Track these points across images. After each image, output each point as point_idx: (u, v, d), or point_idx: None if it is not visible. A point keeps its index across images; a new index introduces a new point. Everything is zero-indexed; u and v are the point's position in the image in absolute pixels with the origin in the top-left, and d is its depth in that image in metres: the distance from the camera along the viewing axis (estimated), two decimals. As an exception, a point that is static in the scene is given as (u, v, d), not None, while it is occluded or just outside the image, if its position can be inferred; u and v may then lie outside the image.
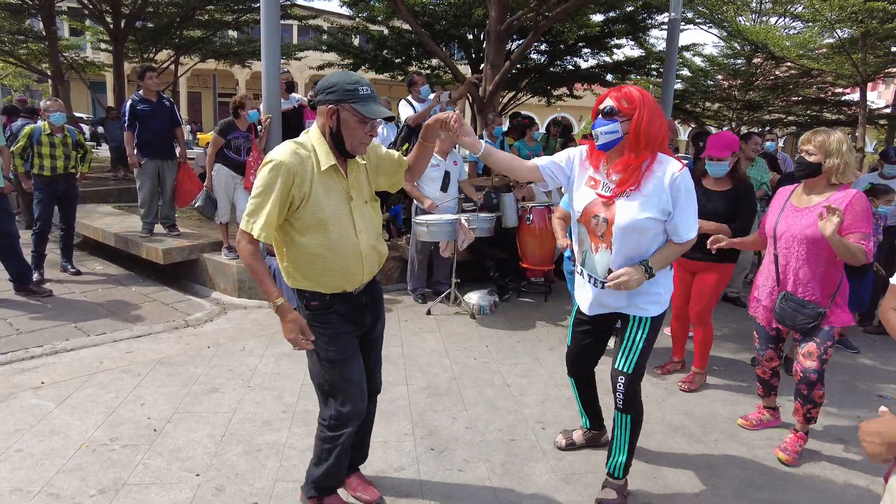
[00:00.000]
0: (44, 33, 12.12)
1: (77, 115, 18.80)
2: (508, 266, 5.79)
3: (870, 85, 12.89)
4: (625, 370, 2.49)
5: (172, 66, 14.32)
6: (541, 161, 2.49)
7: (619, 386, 2.51)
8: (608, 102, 2.24)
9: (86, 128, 19.09)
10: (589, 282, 2.49)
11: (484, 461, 2.84)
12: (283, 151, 2.01)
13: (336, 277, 2.13)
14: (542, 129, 13.79)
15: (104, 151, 11.71)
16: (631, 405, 2.51)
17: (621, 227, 2.26)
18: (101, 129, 11.91)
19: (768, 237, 3.03)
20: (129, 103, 5.68)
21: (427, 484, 2.64)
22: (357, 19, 11.97)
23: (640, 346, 2.48)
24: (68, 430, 2.95)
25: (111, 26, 11.91)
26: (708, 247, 3.34)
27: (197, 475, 2.63)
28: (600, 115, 2.26)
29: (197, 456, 2.79)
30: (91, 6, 11.65)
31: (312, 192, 2.01)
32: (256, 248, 2.06)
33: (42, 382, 3.47)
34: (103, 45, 14.80)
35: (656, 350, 4.38)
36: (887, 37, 11.37)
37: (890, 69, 13.18)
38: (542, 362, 4.12)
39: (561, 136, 9.74)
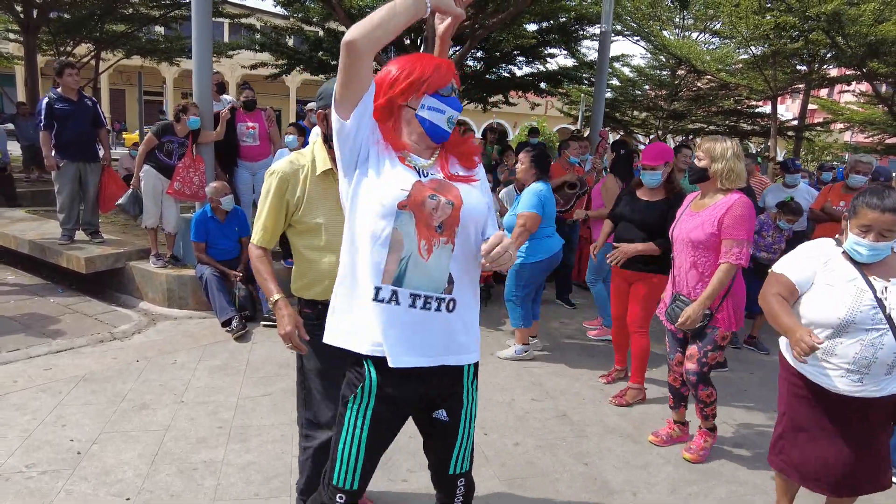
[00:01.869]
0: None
1: (-17, 110, 17.39)
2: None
3: (779, 98, 13.90)
4: (466, 469, 1.84)
5: (93, 62, 13.50)
6: None
7: (460, 490, 1.84)
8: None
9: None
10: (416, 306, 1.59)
11: (426, 470, 2.84)
12: (280, 161, 2.11)
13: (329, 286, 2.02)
14: (479, 135, 13.99)
15: (15, 150, 10.82)
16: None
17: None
18: (10, 126, 10.99)
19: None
20: (45, 101, 5.30)
21: (372, 495, 2.61)
22: (291, 20, 11.71)
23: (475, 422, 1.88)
24: (-21, 457, 2.72)
25: (22, 16, 11.08)
26: (608, 261, 3.55)
27: (127, 499, 2.49)
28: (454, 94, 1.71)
29: (127, 478, 2.64)
30: (-2, -7, 10.81)
31: (306, 196, 2.04)
32: (263, 251, 2.10)
33: (-53, 405, 3.18)
34: (12, 36, 13.76)
35: (602, 356, 4.56)
36: (794, 55, 12.29)
37: (797, 85, 14.26)
38: (482, 367, 4.16)
39: (497, 142, 9.91)
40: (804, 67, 13.71)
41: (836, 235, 2.19)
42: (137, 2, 12.20)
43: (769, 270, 2.29)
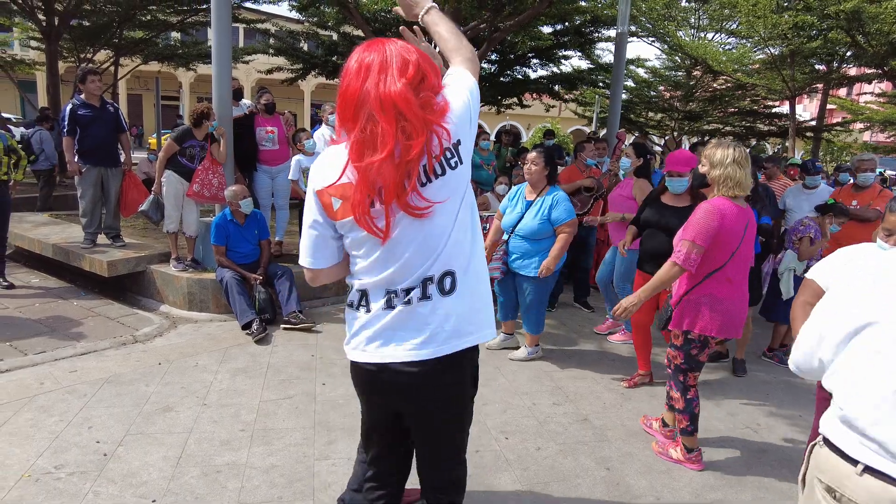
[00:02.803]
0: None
1: (5, 115, 17.69)
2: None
3: (797, 98, 13.74)
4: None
5: (112, 68, 13.70)
6: None
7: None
8: None
9: (17, 131, 17.98)
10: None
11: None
12: None
13: None
14: (493, 138, 13.98)
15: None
16: None
17: None
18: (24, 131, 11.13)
19: None
20: (69, 108, 5.38)
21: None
22: (306, 24, 11.81)
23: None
24: (7, 460, 2.76)
25: (44, 23, 11.28)
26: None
27: (153, 501, 2.52)
28: None
29: (152, 480, 2.67)
30: (21, 1, 11.00)
31: None
32: None
33: (-24, 407, 3.24)
34: (34, 43, 14.00)
35: (621, 360, 4.54)
36: (812, 55, 12.15)
37: (815, 85, 14.10)
38: (502, 370, 4.17)
39: (512, 144, 9.90)
40: (823, 67, 13.55)
41: (875, 237, 2.13)
42: (155, 8, 12.36)
43: (804, 276, 2.23)
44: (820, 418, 2.22)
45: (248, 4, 12.86)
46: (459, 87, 1.58)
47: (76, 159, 5.41)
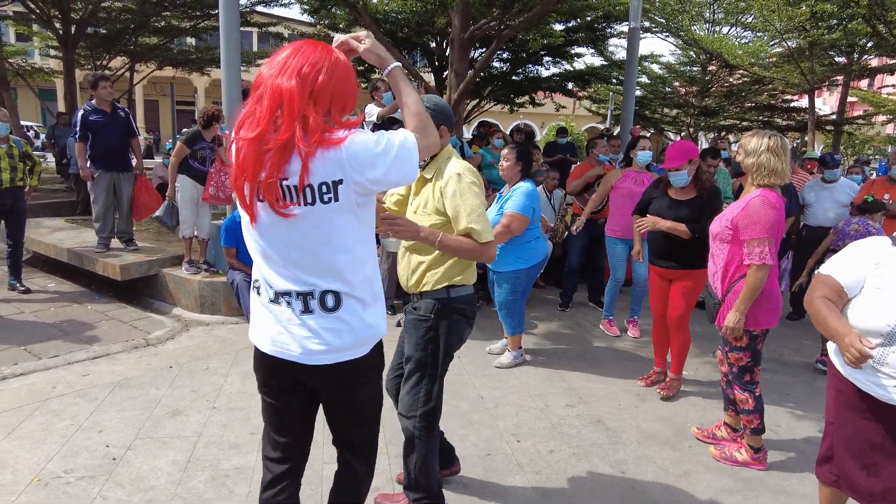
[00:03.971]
0: (-13, 39, 11.57)
1: (25, 123, 18.02)
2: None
3: (817, 92, 13.45)
4: None
5: (128, 74, 13.87)
6: None
7: None
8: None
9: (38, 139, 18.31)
10: None
11: (461, 477, 2.79)
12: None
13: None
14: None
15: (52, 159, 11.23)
16: None
17: None
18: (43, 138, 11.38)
19: None
20: (80, 113, 5.43)
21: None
22: (318, 27, 11.84)
23: None
24: (17, 464, 2.77)
25: (60, 32, 11.45)
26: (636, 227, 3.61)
27: (160, 506, 2.50)
28: None
29: (160, 485, 2.65)
30: (38, 11, 11.18)
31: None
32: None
33: (-11, 411, 3.26)
34: (52, 52, 14.24)
35: (637, 361, 4.44)
36: (832, 46, 11.88)
37: (835, 77, 13.79)
38: (514, 372, 4.10)
39: (525, 143, 9.82)
40: (843, 59, 13.26)
41: (894, 234, 2.04)
42: (169, 14, 12.49)
43: (815, 272, 2.15)
44: (836, 412, 2.14)
45: (259, 8, 12.93)
46: (381, 134, 1.56)
47: (88, 164, 5.45)
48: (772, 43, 13.71)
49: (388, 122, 2.31)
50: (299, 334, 1.62)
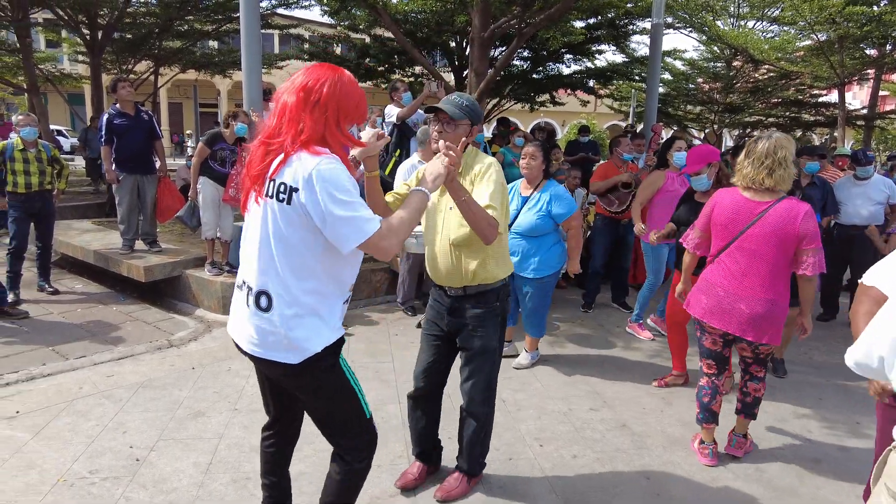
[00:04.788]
0: (18, 46, 11.85)
1: (55, 128, 18.45)
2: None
3: (846, 86, 13.08)
4: None
5: (152, 77, 14.11)
6: None
7: None
8: None
9: (66, 142, 18.72)
10: None
11: (482, 483, 2.75)
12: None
13: (428, 263, 2.52)
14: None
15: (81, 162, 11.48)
16: None
17: None
18: (75, 142, 11.64)
19: None
20: (105, 117, 5.52)
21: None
22: (339, 28, 11.89)
23: None
24: (45, 464, 2.80)
25: (88, 37, 11.69)
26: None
27: (182, 508, 2.51)
28: None
29: (182, 487, 2.66)
30: (67, 17, 11.42)
31: None
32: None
33: (17, 412, 3.31)
34: (80, 57, 14.54)
35: (663, 363, 4.35)
36: (863, 39, 11.54)
37: (866, 71, 13.40)
38: (537, 375, 4.05)
39: (545, 141, 9.72)
40: (874, 51, 12.88)
41: None
42: (192, 18, 12.66)
43: (859, 281, 2.02)
44: (884, 426, 2.04)
45: (280, 10, 13.04)
46: (358, 196, 1.67)
47: (113, 167, 5.53)
48: (800, 36, 13.39)
49: (427, 111, 2.34)
50: (243, 323, 1.81)
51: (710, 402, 3.00)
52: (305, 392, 1.89)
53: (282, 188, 1.67)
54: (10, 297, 5.09)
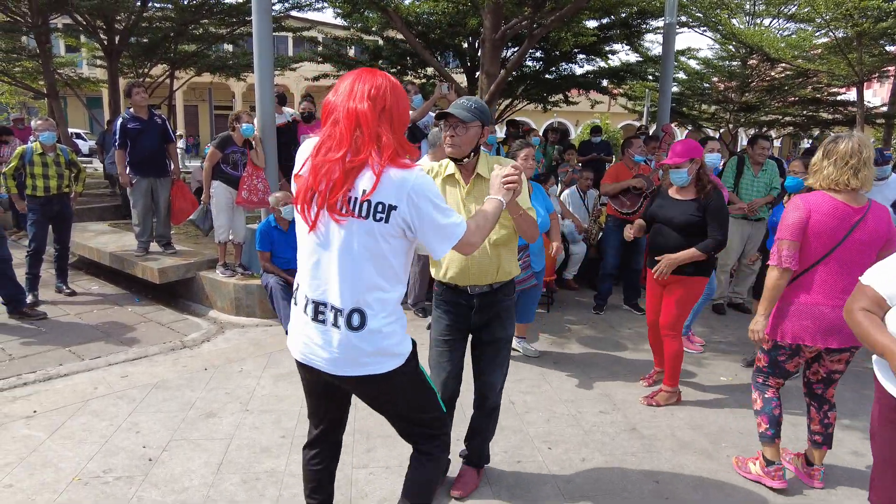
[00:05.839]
0: (37, 51, 12.08)
1: (74, 131, 18.76)
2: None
3: (866, 84, 12.84)
4: None
5: (168, 81, 14.29)
6: None
7: None
8: None
9: (85, 145, 19.00)
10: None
11: (490, 486, 2.76)
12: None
13: (448, 268, 2.48)
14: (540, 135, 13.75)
15: (100, 166, 11.67)
16: None
17: None
18: (93, 144, 11.83)
19: None
20: (119, 122, 5.61)
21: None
22: (351, 30, 11.94)
23: None
24: (60, 462, 2.86)
25: (105, 42, 11.88)
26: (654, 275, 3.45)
27: (193, 508, 2.54)
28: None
29: (193, 486, 2.70)
30: (85, 23, 11.62)
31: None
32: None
33: (34, 411, 3.38)
34: (98, 62, 14.77)
35: (645, 359, 4.31)
36: (882, 35, 11.33)
37: (886, 67, 13.15)
38: (547, 377, 4.04)
39: (559, 142, 9.69)
40: (894, 48, 12.65)
41: None
42: (207, 22, 12.80)
43: (858, 279, 2.02)
44: (876, 430, 2.00)
45: (294, 13, 13.13)
46: (434, 195, 1.69)
47: (127, 171, 5.62)
48: (817, 34, 13.19)
49: (438, 118, 2.37)
50: (325, 347, 1.74)
51: (780, 414, 2.82)
52: (397, 394, 1.86)
53: (379, 208, 1.63)
54: (29, 299, 5.19)
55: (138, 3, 11.56)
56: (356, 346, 1.71)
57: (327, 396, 1.97)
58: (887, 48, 12.67)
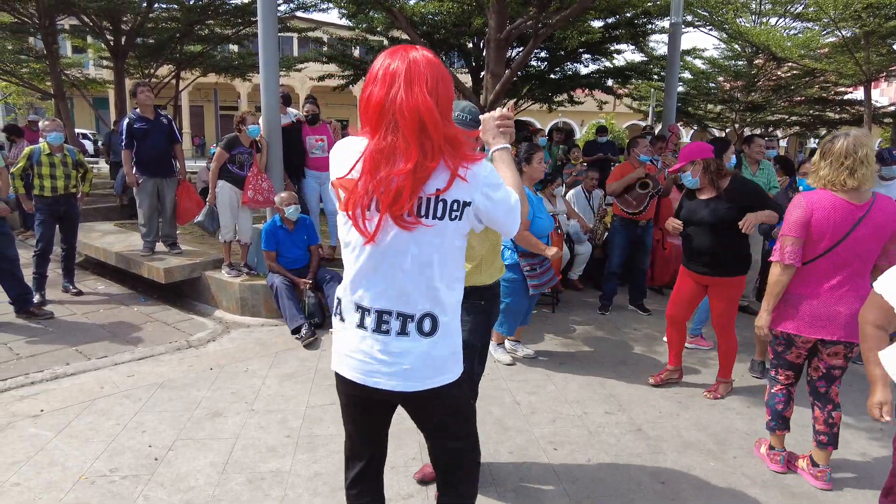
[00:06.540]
0: (45, 52, 12.15)
1: (81, 131, 18.87)
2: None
3: (873, 83, 12.77)
4: None
5: (174, 81, 14.35)
6: None
7: None
8: None
9: (90, 145, 19.10)
10: None
11: (495, 486, 2.75)
12: None
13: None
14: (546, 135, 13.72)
15: (105, 166, 11.72)
16: None
17: None
18: (100, 144, 11.88)
19: None
20: (125, 122, 5.63)
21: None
22: (357, 30, 11.96)
23: None
24: (67, 461, 2.87)
25: (112, 43, 11.95)
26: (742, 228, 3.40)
27: (199, 507, 2.55)
28: None
29: (199, 486, 2.70)
30: (92, 24, 11.68)
31: None
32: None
33: (41, 410, 3.39)
34: (105, 62, 14.86)
35: (650, 359, 4.31)
36: (890, 34, 11.27)
37: (894, 67, 13.07)
38: (552, 378, 4.03)
39: (564, 142, 9.68)
40: (902, 47, 12.58)
41: None
42: (212, 23, 12.85)
43: (872, 285, 1.98)
44: None
45: (299, 14, 13.15)
46: (500, 178, 1.60)
47: (134, 171, 5.64)
48: (824, 33, 13.12)
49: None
50: (390, 359, 1.59)
51: (784, 410, 2.93)
52: (457, 402, 1.75)
53: (454, 206, 1.51)
54: (37, 298, 5.22)
55: (144, 4, 11.62)
56: (427, 352, 1.58)
57: (382, 418, 1.81)
58: (895, 47, 12.59)
